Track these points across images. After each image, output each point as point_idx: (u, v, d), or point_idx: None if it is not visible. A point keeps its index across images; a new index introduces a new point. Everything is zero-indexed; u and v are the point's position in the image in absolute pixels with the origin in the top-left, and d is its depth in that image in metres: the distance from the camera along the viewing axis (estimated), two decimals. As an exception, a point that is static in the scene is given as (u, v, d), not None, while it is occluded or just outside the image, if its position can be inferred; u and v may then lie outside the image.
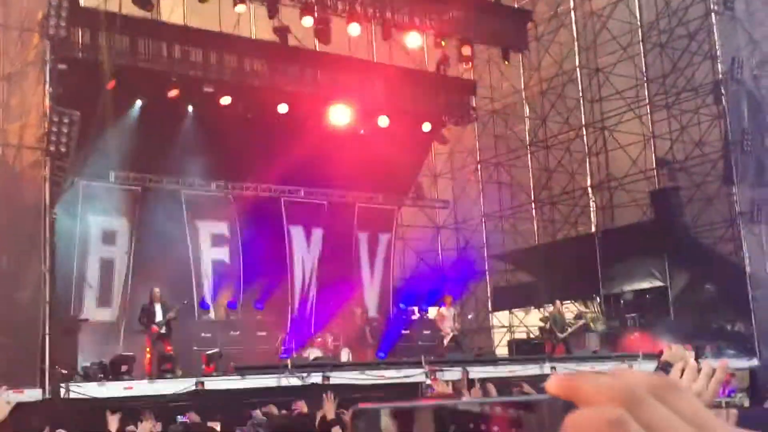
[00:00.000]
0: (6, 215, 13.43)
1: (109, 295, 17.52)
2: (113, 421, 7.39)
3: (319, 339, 17.47)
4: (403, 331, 19.19)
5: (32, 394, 11.80)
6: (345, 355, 17.29)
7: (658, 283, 20.25)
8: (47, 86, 13.40)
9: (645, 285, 20.63)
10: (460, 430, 0.64)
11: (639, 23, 21.70)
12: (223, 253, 19.27)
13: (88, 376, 13.17)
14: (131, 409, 10.06)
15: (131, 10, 16.38)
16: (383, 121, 21.00)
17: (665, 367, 2.87)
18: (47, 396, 11.99)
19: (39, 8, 13.73)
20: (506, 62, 21.61)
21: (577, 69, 22.55)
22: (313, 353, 16.75)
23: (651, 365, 2.99)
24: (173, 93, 17.61)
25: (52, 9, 13.20)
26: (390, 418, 0.65)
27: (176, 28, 18.10)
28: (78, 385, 12.31)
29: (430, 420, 0.65)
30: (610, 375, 0.63)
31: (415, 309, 20.42)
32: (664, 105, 20.85)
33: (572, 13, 22.83)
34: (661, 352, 3.02)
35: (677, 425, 0.62)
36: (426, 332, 19.14)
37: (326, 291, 20.19)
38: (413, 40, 20.13)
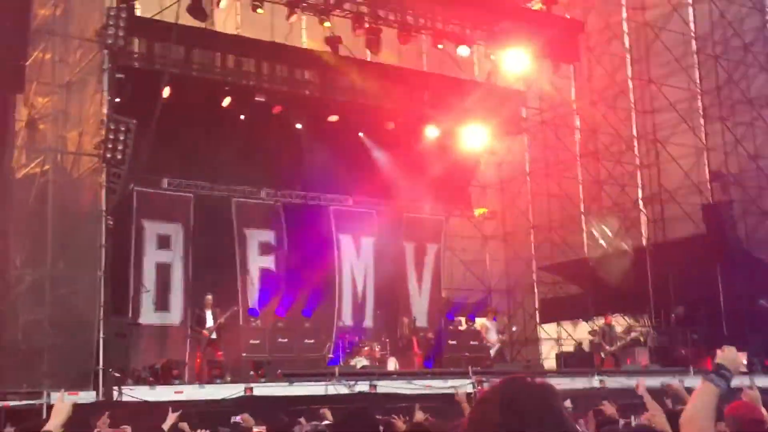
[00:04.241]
0: (63, 220, 13.72)
1: (167, 298, 17.78)
2: (170, 419, 7.63)
3: (367, 348, 17.51)
4: (450, 342, 19.16)
5: (86, 396, 12.03)
6: (392, 365, 17.31)
7: (711, 298, 19.91)
8: (105, 95, 13.68)
9: (697, 299, 20.29)
10: None
11: (693, 34, 21.43)
12: (270, 261, 19.43)
13: (140, 380, 13.40)
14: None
15: (187, 20, 16.65)
16: (432, 131, 21.05)
17: (719, 370, 2.82)
18: (101, 398, 12.21)
19: (98, 18, 14.04)
20: (557, 73, 21.48)
21: (629, 80, 22.33)
22: (360, 362, 16.80)
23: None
24: (226, 102, 17.87)
25: (110, 19, 13.49)
26: None
27: (230, 37, 18.40)
28: (130, 388, 12.52)
29: None
30: None
31: (462, 320, 20.36)
32: (718, 117, 20.54)
33: (624, 24, 22.63)
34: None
35: None
36: (473, 343, 19.08)
37: (374, 300, 20.28)
38: (463, 50, 20.10)
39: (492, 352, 18.49)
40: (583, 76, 23.08)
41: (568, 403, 10.73)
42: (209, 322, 15.37)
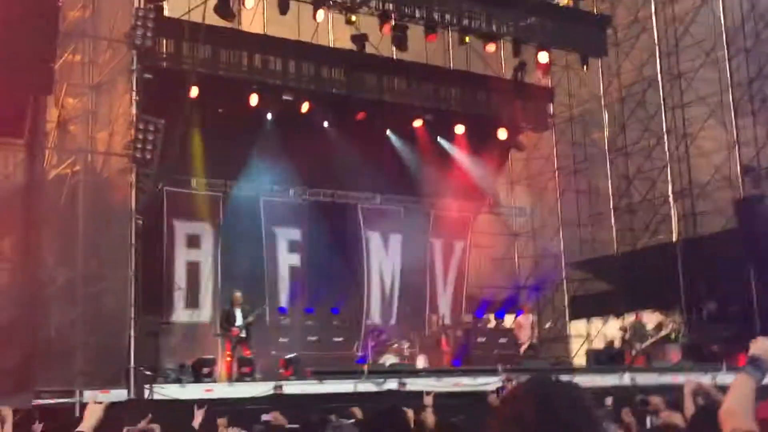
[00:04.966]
0: (94, 220, 13.86)
1: (197, 297, 17.92)
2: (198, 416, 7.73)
3: (395, 345, 17.51)
4: (479, 339, 19.10)
5: (118, 394, 12.14)
6: (421, 362, 17.30)
7: (743, 294, 19.66)
8: (134, 95, 13.81)
9: (729, 295, 20.05)
10: None
11: (723, 27, 21.15)
12: (298, 259, 19.50)
13: (170, 378, 13.50)
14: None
15: (214, 20, 16.75)
16: (459, 129, 21.01)
17: (754, 361, 2.85)
18: (132, 396, 12.33)
19: (126, 19, 14.16)
20: (585, 68, 21.33)
21: (659, 74, 22.11)
22: (389, 359, 16.81)
23: (734, 378, 2.96)
24: (253, 101, 17.94)
25: (138, 20, 13.61)
26: None
27: (256, 37, 18.46)
28: (161, 387, 12.62)
29: None
30: None
31: (491, 317, 20.30)
32: (749, 111, 20.26)
33: (653, 17, 22.39)
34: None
35: None
36: (502, 340, 19.01)
37: (402, 297, 20.28)
38: (490, 46, 20.01)
39: (523, 349, 18.43)
40: (611, 71, 22.89)
41: (609, 401, 10.72)
42: (238, 319, 15.46)
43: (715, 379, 15.28)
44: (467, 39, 19.50)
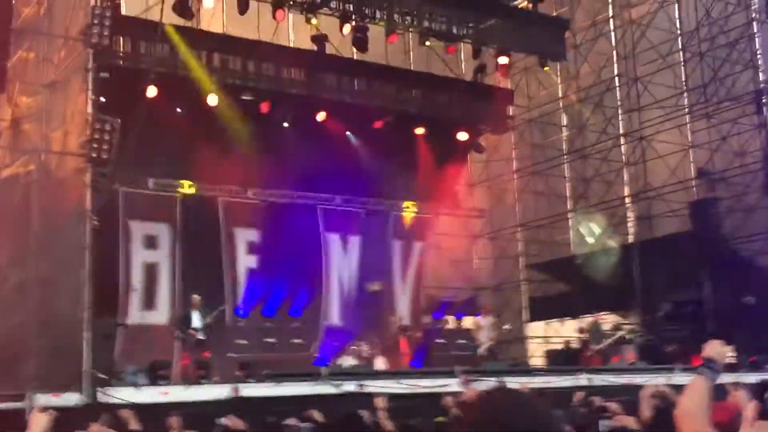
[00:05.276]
0: (48, 221, 13.62)
1: (154, 298, 17.69)
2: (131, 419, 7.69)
3: (354, 347, 17.46)
4: (438, 341, 19.14)
5: (70, 398, 11.93)
6: (380, 364, 17.27)
7: (697, 295, 19.96)
8: (89, 94, 13.58)
9: (683, 297, 20.34)
10: None
11: (679, 32, 21.47)
12: (257, 261, 19.34)
13: (125, 381, 13.29)
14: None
15: (172, 19, 16.56)
16: (419, 130, 21.05)
17: (709, 362, 2.90)
18: (86, 400, 12.11)
19: (82, 17, 13.93)
20: (544, 69, 21.45)
21: (616, 78, 22.37)
22: (347, 361, 16.77)
23: (688, 378, 3.01)
24: (212, 101, 17.77)
25: (95, 18, 13.38)
26: None
27: (216, 36, 18.31)
28: (116, 390, 12.42)
29: None
30: None
31: (450, 318, 20.34)
32: (704, 114, 20.58)
33: (611, 21, 22.66)
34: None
35: None
36: (461, 342, 19.08)
37: (361, 299, 20.23)
38: (450, 48, 20.08)
39: (482, 350, 18.49)
40: (570, 74, 23.10)
41: (578, 396, 10.90)
42: (196, 322, 15.30)
43: (670, 380, 15.50)
44: (428, 42, 19.49)
